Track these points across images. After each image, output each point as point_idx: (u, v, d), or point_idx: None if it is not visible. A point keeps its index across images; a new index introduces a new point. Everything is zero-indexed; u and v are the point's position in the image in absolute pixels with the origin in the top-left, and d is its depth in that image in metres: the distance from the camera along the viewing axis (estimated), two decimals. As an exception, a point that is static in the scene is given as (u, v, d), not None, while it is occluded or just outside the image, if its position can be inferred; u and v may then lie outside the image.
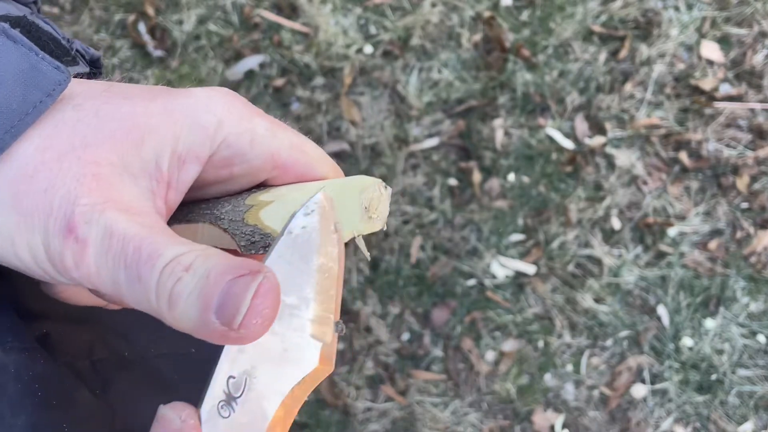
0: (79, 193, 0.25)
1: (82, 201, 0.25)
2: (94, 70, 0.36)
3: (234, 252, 0.30)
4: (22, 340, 0.30)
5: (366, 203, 0.30)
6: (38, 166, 0.26)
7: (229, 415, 0.26)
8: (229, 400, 0.26)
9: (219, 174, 0.30)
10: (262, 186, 0.32)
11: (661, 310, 1.52)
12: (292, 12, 1.64)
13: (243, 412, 0.26)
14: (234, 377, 0.26)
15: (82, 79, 0.29)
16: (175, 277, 0.24)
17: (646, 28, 1.64)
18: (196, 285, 0.24)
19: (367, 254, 0.32)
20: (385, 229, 0.32)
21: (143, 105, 0.27)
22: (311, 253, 0.27)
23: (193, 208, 0.33)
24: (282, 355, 0.26)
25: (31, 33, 0.30)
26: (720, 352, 1.51)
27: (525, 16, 1.65)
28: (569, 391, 1.49)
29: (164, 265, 0.24)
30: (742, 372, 1.50)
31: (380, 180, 0.31)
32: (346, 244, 0.30)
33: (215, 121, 0.28)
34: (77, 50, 0.34)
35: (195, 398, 0.27)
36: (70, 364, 0.30)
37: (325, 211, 0.27)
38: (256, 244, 0.30)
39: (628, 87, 1.61)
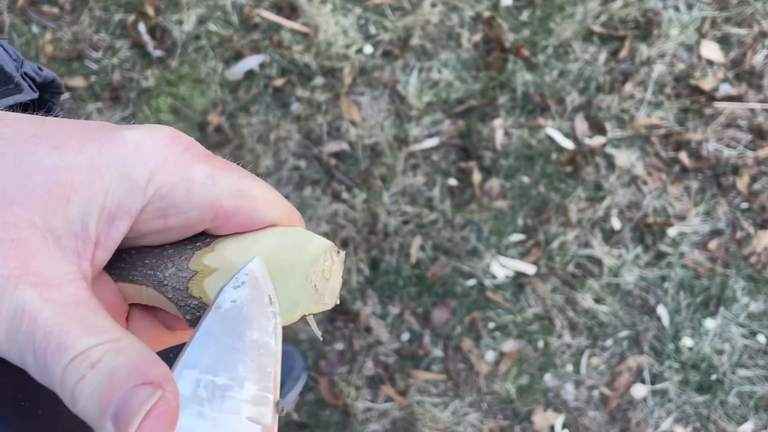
0: (4, 260, 0.24)
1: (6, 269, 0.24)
2: (52, 91, 0.34)
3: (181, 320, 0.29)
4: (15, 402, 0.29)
5: (315, 279, 0.28)
6: None
7: None
8: None
9: (153, 225, 0.28)
10: (205, 235, 0.30)
11: (661, 310, 1.52)
12: (292, 12, 1.64)
13: None
14: None
15: (14, 116, 0.27)
16: (79, 374, 0.23)
17: (646, 28, 1.64)
18: (97, 386, 0.23)
19: (319, 334, 0.30)
20: (337, 303, 0.30)
21: (70, 157, 0.25)
22: (243, 328, 0.25)
23: (135, 265, 0.30)
24: None
25: None
26: (720, 352, 1.51)
27: (525, 16, 1.65)
28: (569, 391, 1.49)
29: (70, 360, 0.23)
30: (742, 372, 1.50)
31: (331, 245, 0.29)
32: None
33: (146, 173, 0.26)
34: (25, 74, 0.32)
35: None
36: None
37: (258, 282, 0.25)
38: (191, 310, 0.28)
39: (628, 87, 1.61)
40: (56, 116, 0.33)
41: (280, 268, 0.28)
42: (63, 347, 0.24)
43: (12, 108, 0.31)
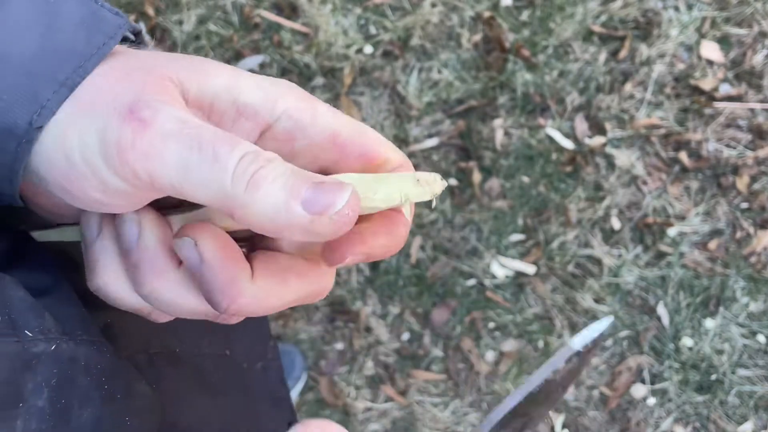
0: (145, 90, 0.26)
1: (147, 95, 0.26)
2: (137, 42, 0.37)
3: None
4: (91, 333, 0.30)
5: (419, 177, 0.30)
6: (107, 73, 0.27)
7: None
8: None
9: (280, 149, 0.29)
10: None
11: (661, 310, 1.52)
12: (292, 12, 1.64)
13: None
14: None
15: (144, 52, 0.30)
16: (258, 164, 0.24)
17: (646, 28, 1.64)
18: (282, 173, 0.24)
19: (434, 201, 0.31)
20: (434, 205, 0.31)
21: (212, 69, 0.28)
22: None
23: None
24: None
25: None
26: (720, 352, 1.51)
27: (525, 16, 1.65)
28: (569, 391, 1.49)
29: (245, 152, 0.24)
30: (741, 372, 1.50)
31: (439, 174, 0.31)
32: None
33: (277, 92, 0.28)
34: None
35: (232, 399, 0.27)
36: (130, 357, 0.31)
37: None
38: None
39: (628, 87, 1.62)
40: None
41: (392, 179, 0.29)
42: (235, 141, 0.24)
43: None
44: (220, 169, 0.24)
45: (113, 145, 0.25)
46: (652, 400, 1.49)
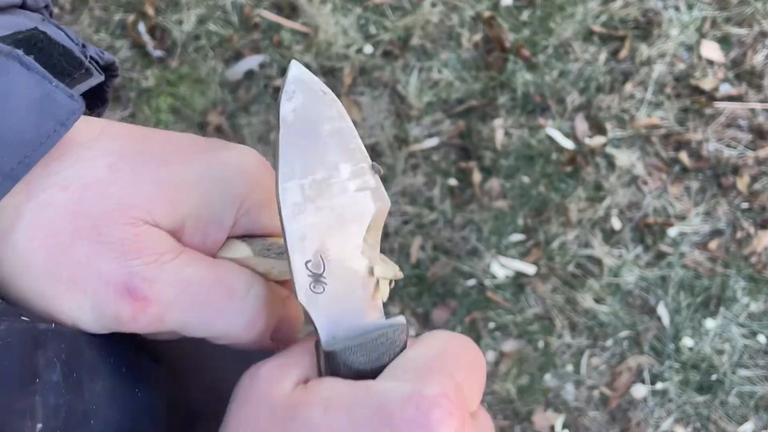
0: (128, 255, 0.26)
1: (135, 262, 0.26)
2: (111, 74, 0.36)
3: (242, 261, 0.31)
4: None
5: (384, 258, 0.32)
6: (74, 235, 0.26)
7: (323, 290, 0.28)
8: (316, 278, 0.28)
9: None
10: None
11: (662, 310, 1.52)
12: (292, 12, 1.64)
13: (334, 280, 0.28)
14: (310, 260, 0.28)
15: (118, 129, 0.29)
16: (249, 314, 0.30)
17: (647, 28, 1.64)
18: (266, 317, 0.31)
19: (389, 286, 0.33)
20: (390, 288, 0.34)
21: (179, 171, 0.28)
22: (314, 126, 0.28)
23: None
24: (340, 220, 0.28)
25: (42, 51, 0.29)
26: (720, 352, 1.50)
27: (525, 16, 1.65)
28: (569, 391, 1.49)
29: (241, 306, 0.29)
30: (742, 372, 1.49)
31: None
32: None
33: (242, 193, 0.29)
34: (91, 57, 0.33)
35: (230, 371, 0.29)
36: (130, 335, 0.31)
37: (305, 83, 0.28)
38: (270, 251, 0.31)
39: (629, 87, 1.61)
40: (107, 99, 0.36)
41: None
42: (230, 292, 0.29)
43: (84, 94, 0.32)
44: (219, 324, 0.28)
45: (112, 318, 0.27)
46: (652, 401, 1.49)
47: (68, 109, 0.26)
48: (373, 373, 0.29)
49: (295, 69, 0.28)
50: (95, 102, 0.36)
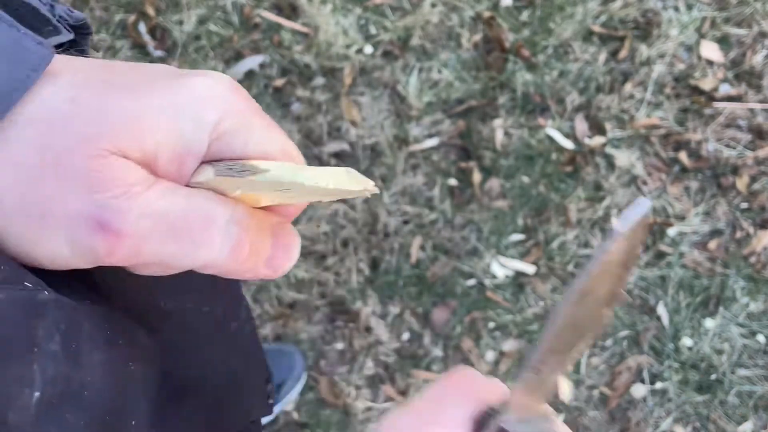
0: (95, 188, 0.25)
1: (104, 194, 0.25)
2: (82, 32, 0.35)
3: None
4: (85, 281, 0.31)
5: (352, 173, 0.31)
6: (41, 170, 0.25)
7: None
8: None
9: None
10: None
11: (661, 310, 1.52)
12: (292, 12, 1.64)
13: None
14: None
15: (80, 63, 0.28)
16: (234, 239, 0.29)
17: (646, 28, 1.64)
18: (252, 241, 0.30)
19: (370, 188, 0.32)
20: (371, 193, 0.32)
21: (145, 99, 0.27)
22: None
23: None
24: None
25: (7, 6, 0.29)
26: (719, 352, 1.51)
27: (525, 16, 1.65)
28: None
29: (221, 233, 0.28)
30: (741, 372, 1.50)
31: (372, 185, 0.31)
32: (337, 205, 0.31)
33: (214, 118, 0.28)
34: (60, 16, 0.33)
35: (220, 345, 0.29)
36: (125, 309, 0.31)
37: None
38: (233, 170, 0.30)
39: (628, 87, 1.62)
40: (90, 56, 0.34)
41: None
42: (209, 221, 0.28)
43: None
44: (201, 254, 0.28)
45: (89, 252, 0.26)
46: (651, 400, 1.49)
47: (39, 55, 0.26)
48: None
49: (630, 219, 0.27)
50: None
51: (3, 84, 0.25)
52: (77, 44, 0.35)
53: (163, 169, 0.28)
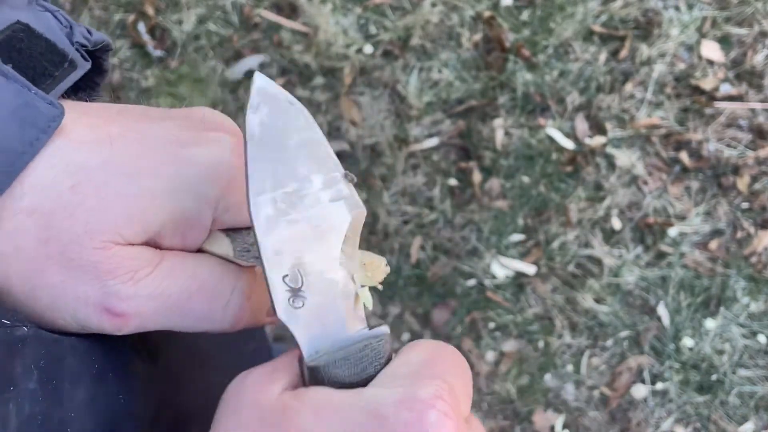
0: (102, 276, 0.26)
1: (110, 282, 0.26)
2: (102, 50, 0.35)
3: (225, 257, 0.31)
4: None
5: (366, 262, 0.32)
6: (46, 260, 0.26)
7: (303, 305, 0.28)
8: (295, 293, 0.28)
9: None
10: None
11: (662, 311, 1.52)
12: (292, 12, 1.64)
13: (313, 294, 0.28)
14: (287, 275, 0.27)
15: (80, 136, 0.27)
16: (234, 309, 0.30)
17: (647, 28, 1.64)
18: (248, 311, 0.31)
19: (369, 304, 0.33)
20: (378, 288, 0.33)
21: (146, 182, 0.27)
22: (282, 139, 0.27)
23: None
24: (316, 232, 0.28)
25: (22, 53, 0.29)
26: (720, 352, 1.50)
27: (525, 16, 1.65)
28: (569, 391, 1.49)
29: (225, 303, 0.30)
30: (742, 372, 1.49)
31: (385, 260, 0.33)
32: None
33: (218, 194, 0.29)
34: (77, 43, 0.33)
35: (229, 369, 0.29)
36: (122, 339, 0.31)
37: (270, 95, 0.27)
38: (250, 254, 0.31)
39: (629, 87, 1.61)
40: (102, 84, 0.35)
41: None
42: (213, 297, 0.29)
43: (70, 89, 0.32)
44: (204, 325, 0.29)
45: (96, 329, 0.27)
46: (652, 401, 1.49)
47: (48, 116, 0.26)
48: (359, 386, 0.28)
49: (260, 81, 0.27)
50: (93, 74, 0.35)
51: (14, 145, 0.25)
52: (96, 60, 0.35)
53: (169, 242, 0.28)
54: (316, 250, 0.28)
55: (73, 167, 0.26)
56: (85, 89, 0.35)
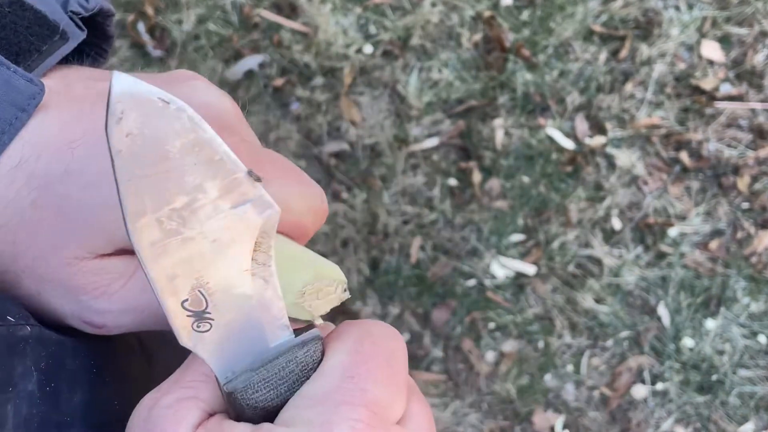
0: (73, 292, 0.26)
1: (83, 297, 0.26)
2: (103, 15, 0.33)
3: None
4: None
5: (309, 289, 0.27)
6: (16, 275, 0.26)
7: (210, 327, 0.25)
8: (199, 316, 0.24)
9: None
10: None
11: (662, 311, 1.52)
12: (292, 12, 1.64)
13: (222, 313, 0.25)
14: (186, 299, 0.24)
15: (42, 140, 0.26)
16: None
17: (647, 27, 1.64)
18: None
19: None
20: (314, 320, 0.29)
21: (106, 194, 0.25)
22: (160, 146, 0.22)
23: None
24: (216, 246, 0.24)
25: (6, 28, 0.28)
26: (721, 352, 1.50)
27: (525, 15, 1.64)
28: (569, 391, 1.49)
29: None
30: (742, 372, 1.49)
31: (344, 282, 0.28)
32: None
33: None
34: (71, 12, 0.31)
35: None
36: (120, 339, 0.30)
37: (135, 97, 0.22)
38: None
39: (629, 87, 1.61)
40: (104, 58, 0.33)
41: (293, 264, 0.27)
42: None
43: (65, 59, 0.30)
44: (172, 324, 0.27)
45: (80, 327, 0.27)
46: (652, 401, 1.49)
47: (28, 94, 0.25)
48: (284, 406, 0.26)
49: (119, 82, 0.21)
50: (97, 39, 0.34)
51: None
52: (98, 26, 0.33)
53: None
54: (219, 267, 0.24)
55: (35, 180, 0.25)
56: (91, 55, 0.34)
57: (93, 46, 0.34)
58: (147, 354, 0.34)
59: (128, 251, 0.26)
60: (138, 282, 0.26)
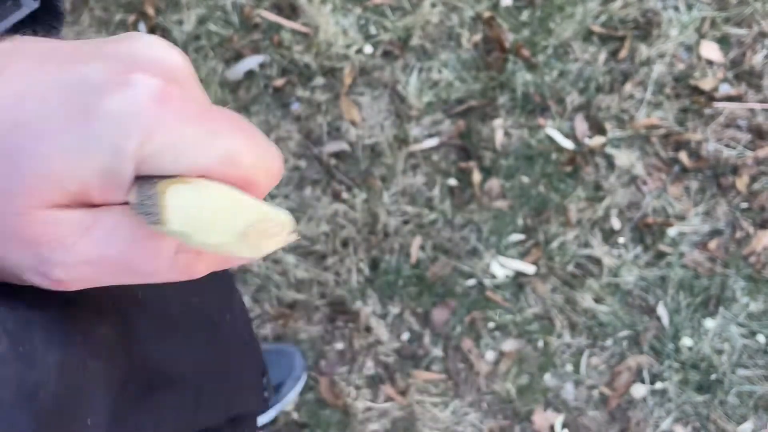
0: (30, 244, 0.25)
1: (41, 250, 0.25)
2: None
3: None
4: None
5: (253, 229, 0.26)
6: None
7: None
8: None
9: None
10: None
11: (661, 310, 1.52)
12: (292, 12, 1.64)
13: None
14: None
15: (13, 65, 0.26)
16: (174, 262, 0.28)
17: (646, 28, 1.64)
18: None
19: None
20: (257, 258, 0.28)
21: (58, 137, 0.24)
22: None
23: None
24: None
25: None
26: (719, 352, 1.51)
27: (525, 16, 1.65)
28: (569, 390, 1.49)
29: (161, 264, 0.27)
30: (741, 372, 1.50)
31: (292, 224, 0.27)
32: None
33: (135, 145, 0.25)
34: None
35: (201, 340, 0.28)
36: (92, 299, 0.30)
37: None
38: (144, 207, 0.26)
39: (628, 87, 1.62)
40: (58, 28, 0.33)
41: (237, 209, 0.26)
42: (152, 253, 0.27)
43: (15, 28, 0.30)
44: (153, 280, 0.27)
45: (37, 284, 0.26)
46: (651, 400, 1.49)
47: None
48: None
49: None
50: (49, 18, 0.33)
51: None
52: (49, 15, 0.33)
53: (99, 199, 0.26)
54: None
55: None
56: (41, 33, 0.32)
57: (44, 24, 0.33)
58: (120, 316, 0.34)
59: (86, 203, 0.25)
60: (97, 233, 0.25)
